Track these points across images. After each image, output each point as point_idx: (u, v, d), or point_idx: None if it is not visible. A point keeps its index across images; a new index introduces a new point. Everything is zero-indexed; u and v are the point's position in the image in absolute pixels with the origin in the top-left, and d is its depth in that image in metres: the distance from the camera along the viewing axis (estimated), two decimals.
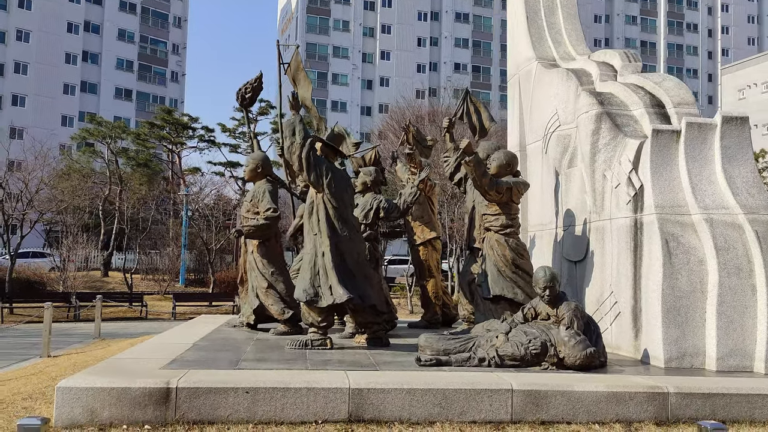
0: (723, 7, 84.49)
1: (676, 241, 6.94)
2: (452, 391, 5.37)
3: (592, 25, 78.10)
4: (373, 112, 67.91)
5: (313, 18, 70.98)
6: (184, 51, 74.83)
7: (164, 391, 5.12)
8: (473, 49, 73.35)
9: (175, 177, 38.24)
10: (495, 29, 74.61)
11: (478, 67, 72.59)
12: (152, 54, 70.66)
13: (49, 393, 6.23)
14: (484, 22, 74.25)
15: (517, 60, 11.56)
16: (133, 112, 65.45)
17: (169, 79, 72.03)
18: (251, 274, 8.90)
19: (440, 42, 72.41)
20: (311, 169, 7.33)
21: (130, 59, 68.09)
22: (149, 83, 69.64)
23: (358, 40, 70.91)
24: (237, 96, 10.16)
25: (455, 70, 70.51)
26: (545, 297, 6.63)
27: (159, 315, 24.03)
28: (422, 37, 71.58)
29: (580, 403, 5.45)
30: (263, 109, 39.05)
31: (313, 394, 5.24)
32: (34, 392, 6.30)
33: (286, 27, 77.41)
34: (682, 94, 8.37)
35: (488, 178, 7.89)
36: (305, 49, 70.96)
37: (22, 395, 6.21)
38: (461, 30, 73.29)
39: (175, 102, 68.06)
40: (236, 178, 39.31)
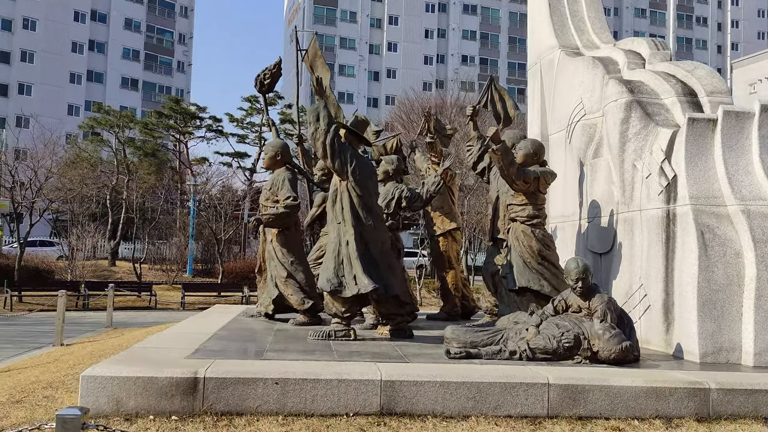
0: (733, 0, 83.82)
1: (712, 232, 6.75)
2: (487, 384, 5.20)
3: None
4: (380, 104, 67.64)
5: (320, 8, 70.63)
6: (190, 41, 74.59)
7: (192, 381, 4.96)
8: (481, 41, 72.95)
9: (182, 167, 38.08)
10: (503, 21, 74.22)
11: (486, 60, 72.21)
12: (159, 44, 70.46)
13: (69, 382, 6.09)
14: (492, 13, 73.81)
15: (538, 49, 11.34)
16: (139, 101, 65.29)
17: (175, 69, 71.85)
18: (270, 263, 8.74)
19: (448, 34, 72.03)
20: (335, 156, 7.16)
21: (137, 49, 67.91)
22: (155, 73, 69.46)
23: (365, 31, 70.56)
24: (255, 82, 9.97)
25: (463, 62, 70.12)
26: (577, 289, 6.45)
27: (168, 305, 23.94)
28: (430, 29, 71.20)
29: (618, 398, 5.28)
30: (271, 100, 38.86)
31: (344, 385, 5.08)
32: (54, 381, 6.16)
33: (293, 17, 77.06)
34: (715, 83, 8.16)
35: (515, 168, 7.70)
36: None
37: (41, 384, 6.07)
38: (469, 22, 72.88)
39: (181, 92, 67.82)
40: (244, 169, 39.20)
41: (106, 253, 34.01)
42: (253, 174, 38.82)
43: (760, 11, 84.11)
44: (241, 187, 39.88)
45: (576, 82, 9.79)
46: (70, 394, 5.60)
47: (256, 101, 38.21)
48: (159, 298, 24.19)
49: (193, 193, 33.74)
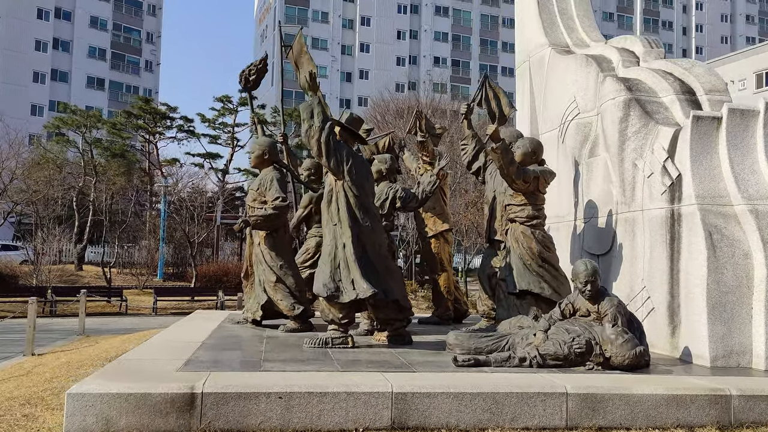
0: (697, 5, 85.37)
1: (720, 233, 6.58)
2: (503, 395, 4.93)
3: None
4: (352, 105, 67.20)
5: (291, 8, 70.00)
6: (158, 40, 73.32)
7: (188, 396, 4.59)
8: (453, 43, 73.03)
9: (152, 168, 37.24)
10: (474, 23, 74.39)
11: (458, 61, 72.32)
12: (126, 42, 69.13)
13: (48, 398, 5.65)
14: (463, 15, 73.94)
15: (527, 47, 11.14)
16: (106, 101, 63.85)
17: (143, 69, 70.56)
18: (258, 267, 8.35)
19: (420, 35, 71.97)
20: (331, 154, 6.82)
21: (103, 47, 66.51)
22: (122, 72, 68.12)
23: (337, 32, 70.11)
24: (240, 78, 9.58)
25: (435, 64, 70.07)
26: (586, 292, 6.21)
27: (139, 310, 23.24)
28: (402, 30, 71.05)
29: (638, 407, 5.05)
30: (244, 100, 38.23)
31: (352, 399, 4.76)
32: (32, 397, 5.71)
33: (264, 17, 76.29)
34: (713, 81, 8.03)
35: (515, 167, 7.46)
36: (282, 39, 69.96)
37: (18, 400, 5.62)
38: (441, 23, 72.91)
39: (149, 92, 66.62)
40: (216, 170, 38.51)
41: (72, 258, 33.05)
42: (225, 175, 38.16)
43: (723, 16, 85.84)
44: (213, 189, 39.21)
45: (569, 81, 9.60)
46: (52, 411, 5.17)
47: (228, 101, 37.58)
48: (130, 303, 23.50)
49: (164, 194, 32.98)
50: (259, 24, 78.70)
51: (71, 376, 6.60)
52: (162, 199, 32.85)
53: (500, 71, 74.74)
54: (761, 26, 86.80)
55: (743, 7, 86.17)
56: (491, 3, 75.61)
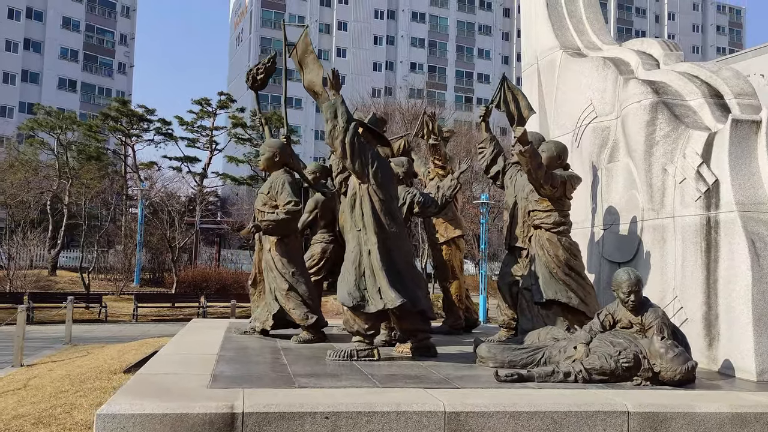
0: (669, 15, 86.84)
1: (763, 241, 6.35)
2: (561, 414, 4.60)
3: None
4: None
5: (268, 12, 69.49)
6: (132, 42, 72.23)
7: (228, 417, 4.18)
8: (429, 49, 73.16)
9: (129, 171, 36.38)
10: (450, 30, 74.63)
11: (434, 68, 72.44)
12: (98, 44, 67.96)
13: (61, 416, 5.19)
14: (440, 22, 74.15)
15: (536, 49, 10.90)
16: (78, 103, 62.54)
17: (116, 71, 69.42)
18: (268, 274, 7.93)
19: (396, 41, 71.94)
20: (356, 156, 6.46)
21: (75, 49, 65.29)
22: (95, 74, 66.93)
23: (313, 37, 69.60)
24: (247, 77, 9.18)
25: (411, 70, 70.09)
26: (629, 303, 5.92)
27: (118, 317, 22.57)
28: (379, 36, 70.98)
29: (702, 426, 4.75)
30: (223, 103, 37.66)
31: (403, 418, 4.39)
32: (42, 415, 5.23)
33: (240, 20, 75.57)
34: (742, 85, 7.84)
35: (544, 171, 7.16)
36: (259, 43, 69.44)
37: (27, 419, 5.14)
38: (417, 29, 73.00)
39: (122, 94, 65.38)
40: (194, 174, 37.77)
41: (46, 263, 32.06)
42: (203, 179, 37.44)
43: (695, 26, 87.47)
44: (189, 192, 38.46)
45: (584, 84, 9.37)
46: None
47: (207, 104, 36.91)
48: (108, 309, 22.78)
49: (141, 198, 32.20)
50: (235, 27, 77.91)
51: (78, 392, 6.12)
52: (139, 203, 32.06)
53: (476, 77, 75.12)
54: (731, 36, 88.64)
55: (714, 17, 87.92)
56: (467, 10, 75.95)
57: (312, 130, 64.49)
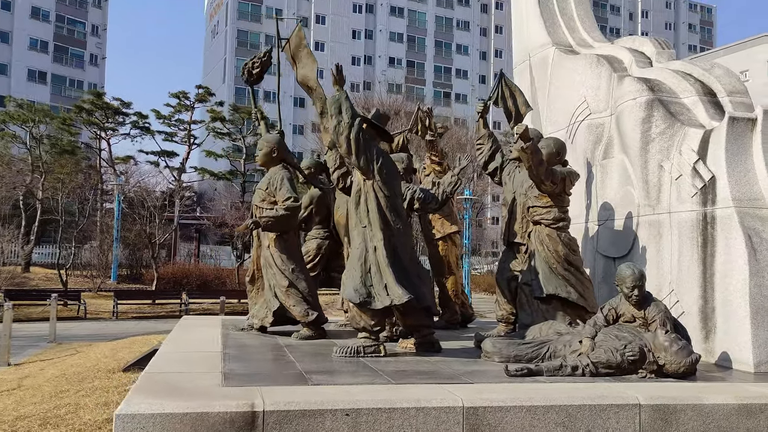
0: (643, 13, 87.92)
1: (759, 236, 6.49)
2: (576, 407, 4.67)
3: None
4: (306, 104, 66.44)
5: (244, 4, 68.84)
6: (104, 33, 71.12)
7: (249, 415, 4.16)
8: (408, 44, 73.14)
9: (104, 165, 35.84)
10: (429, 25, 74.68)
11: (413, 62, 72.48)
12: (69, 35, 66.78)
13: (68, 417, 5.11)
14: (418, 17, 74.17)
15: (527, 46, 10.98)
16: (48, 96, 61.40)
17: (87, 62, 68.28)
18: (267, 271, 7.89)
19: (375, 35, 71.78)
20: (361, 152, 6.46)
21: (45, 39, 64.09)
22: (66, 66, 65.77)
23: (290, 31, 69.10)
24: (243, 71, 9.12)
25: (390, 64, 70.03)
26: (633, 297, 6.02)
27: (98, 314, 22.25)
28: (357, 30, 70.77)
29: (710, 417, 4.86)
30: (201, 96, 37.26)
31: (422, 414, 4.41)
32: (48, 416, 5.16)
33: (215, 12, 74.74)
34: (734, 83, 7.99)
35: (545, 167, 7.23)
36: (235, 36, 68.80)
37: (33, 420, 5.06)
38: (396, 24, 72.92)
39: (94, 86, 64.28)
40: (171, 169, 37.36)
41: (19, 259, 31.47)
42: (181, 174, 37.04)
43: (667, 24, 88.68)
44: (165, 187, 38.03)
45: (577, 81, 9.46)
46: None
47: (185, 97, 36.48)
48: (87, 307, 22.43)
49: (118, 193, 31.75)
50: (210, 19, 77.05)
51: (79, 391, 6.04)
52: (116, 198, 31.62)
53: (454, 73, 75.30)
54: (702, 35, 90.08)
55: (686, 15, 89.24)
56: (445, 5, 76.07)
57: (290, 125, 64.10)
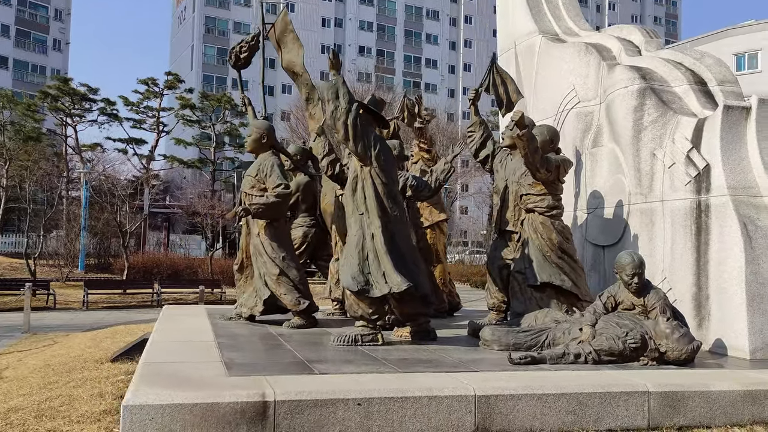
0: (610, 5, 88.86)
1: (754, 224, 6.56)
2: (586, 395, 4.65)
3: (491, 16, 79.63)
4: (276, 92, 65.84)
5: None
6: (68, 18, 69.32)
7: (260, 405, 4.04)
8: (377, 33, 72.77)
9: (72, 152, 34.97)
10: (399, 14, 74.40)
11: (383, 51, 72.18)
12: (32, 19, 64.95)
13: (63, 408, 4.92)
14: (388, 5, 73.83)
15: (513, 33, 10.94)
16: (10, 81, 59.64)
17: (50, 47, 66.53)
18: (257, 259, 7.73)
19: (345, 24, 71.26)
20: (358, 138, 6.34)
21: (6, 23, 62.27)
22: (28, 51, 64.01)
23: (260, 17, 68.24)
24: (230, 56, 8.92)
25: (360, 53, 69.63)
26: (633, 285, 6.02)
27: (67, 304, 21.70)
28: (327, 18, 70.15)
29: (717, 404, 4.89)
30: (170, 83, 36.56)
31: (435, 403, 4.34)
32: (42, 408, 4.95)
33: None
34: (724, 72, 8.05)
35: (540, 155, 7.20)
36: (203, 23, 67.67)
37: (27, 413, 4.86)
38: (366, 12, 72.47)
39: (57, 72, 62.70)
40: (140, 156, 36.63)
41: None
42: (150, 162, 36.35)
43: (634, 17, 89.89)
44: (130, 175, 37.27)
45: (565, 69, 9.45)
46: (81, 425, 4.47)
47: (154, 84, 35.75)
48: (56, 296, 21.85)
49: (85, 181, 31.01)
50: (177, 5, 75.59)
51: (69, 382, 5.84)
52: (83, 186, 30.87)
53: (424, 63, 75.22)
54: (667, 27, 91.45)
55: (651, 8, 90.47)
56: None
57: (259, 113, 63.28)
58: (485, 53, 79.21)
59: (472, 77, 77.86)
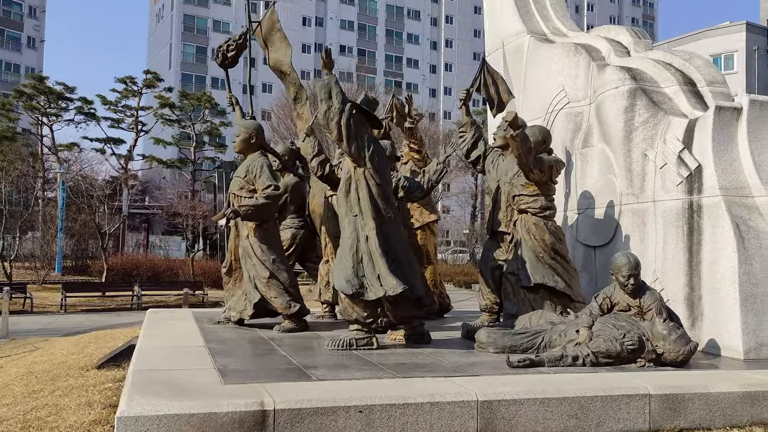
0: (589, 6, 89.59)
1: (746, 224, 6.57)
2: (588, 399, 4.60)
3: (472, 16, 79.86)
4: (256, 91, 65.30)
5: None
6: (42, 15, 68.24)
7: (259, 414, 3.93)
8: (358, 32, 72.62)
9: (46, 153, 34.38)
10: (380, 13, 74.31)
11: (364, 51, 72.02)
12: (5, 16, 63.86)
13: (49, 418, 4.76)
14: (369, 5, 73.69)
15: (500, 33, 10.90)
16: None
17: (25, 45, 65.41)
18: (247, 262, 7.59)
19: (326, 23, 70.99)
20: (352, 138, 6.24)
21: None
22: (2, 48, 63.05)
23: (240, 15, 67.70)
24: (217, 54, 8.76)
25: (341, 53, 69.40)
26: (629, 286, 6.00)
27: (45, 308, 21.29)
28: (308, 17, 69.82)
29: (716, 406, 4.87)
30: (149, 81, 36.11)
31: (437, 409, 4.27)
32: (27, 419, 4.78)
33: None
34: (713, 73, 8.08)
35: (533, 156, 7.15)
36: (182, 21, 67.01)
37: (13, 423, 4.69)
38: (347, 12, 72.27)
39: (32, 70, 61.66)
40: (118, 156, 36.14)
41: None
42: (129, 162, 35.88)
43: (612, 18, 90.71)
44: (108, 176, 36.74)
45: (554, 70, 9.43)
46: None
47: (132, 83, 35.28)
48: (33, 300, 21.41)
49: (62, 181, 30.50)
50: (155, 2, 74.76)
51: (54, 391, 5.67)
52: (59, 187, 30.36)
53: (405, 62, 75.22)
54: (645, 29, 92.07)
55: (629, 10, 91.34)
56: None
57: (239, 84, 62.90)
58: (466, 53, 79.47)
59: (453, 77, 78.00)
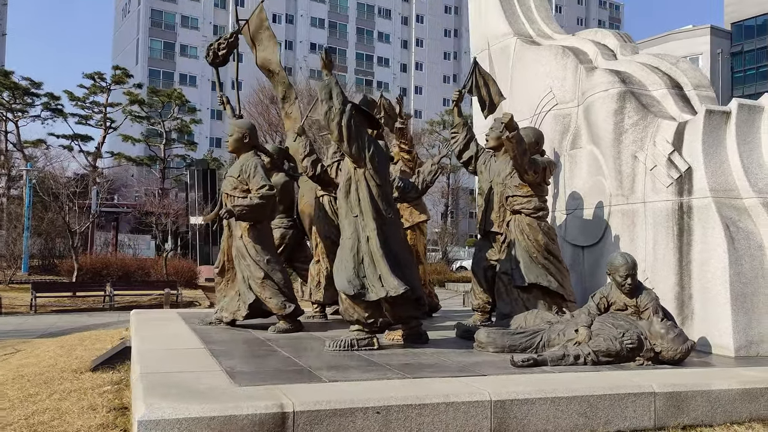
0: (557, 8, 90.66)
1: (735, 225, 6.74)
2: (597, 397, 4.68)
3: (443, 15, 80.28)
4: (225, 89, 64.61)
5: None
6: (4, 7, 66.69)
7: (279, 416, 3.92)
8: (329, 30, 72.40)
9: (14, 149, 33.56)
10: (351, 11, 74.18)
11: (334, 49, 71.66)
12: None
13: (54, 422, 4.67)
14: (340, 3, 73.49)
15: (486, 34, 10.98)
16: None
17: None
18: (240, 262, 7.53)
19: (296, 20, 70.60)
20: (353, 139, 6.24)
21: None
22: None
23: (208, 11, 67.09)
24: (208, 52, 8.66)
25: (311, 50, 69.14)
26: (626, 286, 6.11)
27: (14, 308, 20.80)
28: (278, 14, 69.30)
29: (717, 403, 5.00)
30: (118, 78, 35.51)
31: (452, 409, 4.30)
32: (30, 423, 4.68)
33: None
34: (699, 77, 8.27)
35: (528, 157, 7.24)
36: (149, 16, 65.98)
37: (18, 428, 4.59)
38: (317, 9, 72.00)
39: None
40: (86, 153, 35.45)
41: None
42: (97, 159, 35.22)
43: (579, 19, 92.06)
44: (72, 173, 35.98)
45: (542, 72, 9.54)
46: None
47: (101, 79, 34.63)
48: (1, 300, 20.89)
49: (27, 179, 29.80)
50: None
51: (52, 395, 5.56)
52: (26, 184, 29.66)
53: (376, 61, 75.22)
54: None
55: (596, 12, 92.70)
56: None
57: (208, 110, 62.19)
58: (437, 52, 79.79)
59: (424, 76, 78.27)
